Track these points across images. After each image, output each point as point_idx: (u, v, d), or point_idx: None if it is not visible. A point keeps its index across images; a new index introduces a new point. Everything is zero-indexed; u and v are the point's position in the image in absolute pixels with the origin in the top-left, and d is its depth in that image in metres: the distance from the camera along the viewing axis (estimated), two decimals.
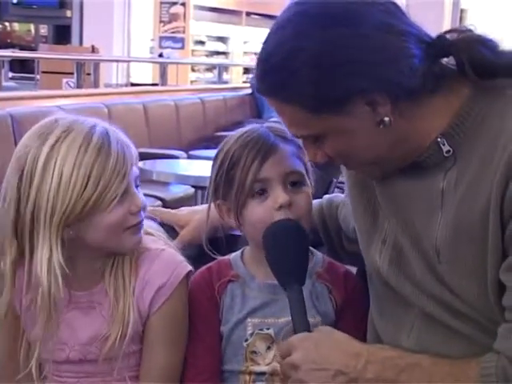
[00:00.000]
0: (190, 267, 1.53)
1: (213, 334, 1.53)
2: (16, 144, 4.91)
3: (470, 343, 1.31)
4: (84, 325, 1.51)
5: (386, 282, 1.43)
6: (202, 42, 16.03)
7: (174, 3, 15.03)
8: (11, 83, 9.40)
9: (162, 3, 15.11)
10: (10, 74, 10.40)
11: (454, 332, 1.33)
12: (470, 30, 1.32)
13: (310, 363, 1.30)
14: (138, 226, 1.48)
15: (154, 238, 1.57)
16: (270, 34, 1.29)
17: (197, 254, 1.64)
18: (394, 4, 1.29)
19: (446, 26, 11.23)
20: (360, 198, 1.49)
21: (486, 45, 1.30)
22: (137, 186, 1.49)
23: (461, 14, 12.60)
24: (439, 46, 1.30)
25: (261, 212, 1.48)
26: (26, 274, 1.45)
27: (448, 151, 1.31)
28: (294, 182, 1.50)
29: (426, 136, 1.32)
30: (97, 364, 1.51)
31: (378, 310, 1.50)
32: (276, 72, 1.26)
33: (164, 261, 1.51)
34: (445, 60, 1.32)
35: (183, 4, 15.04)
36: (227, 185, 1.51)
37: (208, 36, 16.13)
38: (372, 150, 1.32)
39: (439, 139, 1.31)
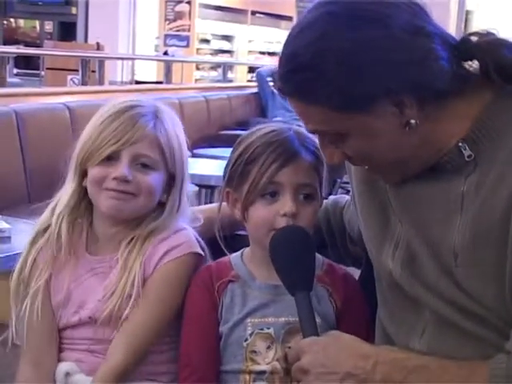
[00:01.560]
0: (201, 252, 1.60)
1: (209, 334, 1.54)
2: (21, 140, 4.92)
3: (485, 345, 1.30)
4: (96, 287, 1.59)
5: (399, 286, 1.43)
6: (207, 41, 16.02)
7: (180, 1, 15.01)
8: (16, 79, 9.41)
9: (167, 1, 15.09)
10: (15, 71, 10.42)
11: (468, 334, 1.32)
12: (493, 34, 1.32)
13: (319, 367, 1.31)
14: (115, 193, 1.56)
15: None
16: (294, 34, 1.29)
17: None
18: (419, 6, 1.29)
19: (452, 27, 11.21)
20: (370, 200, 1.49)
21: (509, 48, 1.29)
22: (145, 166, 1.57)
23: (466, 15, 12.57)
24: (464, 48, 1.30)
25: (266, 213, 1.49)
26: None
27: (469, 156, 1.30)
28: (305, 195, 1.50)
29: (447, 140, 1.32)
30: (102, 326, 1.57)
31: (388, 313, 1.50)
32: (303, 72, 1.26)
33: (180, 234, 1.61)
34: (467, 64, 1.32)
35: (188, 2, 15.02)
36: (241, 177, 1.52)
37: (213, 34, 16.11)
38: (394, 152, 1.31)
39: (460, 144, 1.30)
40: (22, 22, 15.16)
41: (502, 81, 1.28)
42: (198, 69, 15.05)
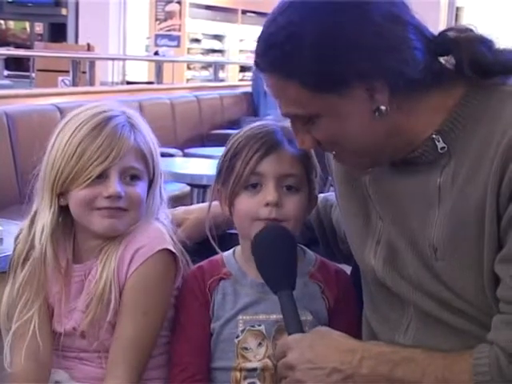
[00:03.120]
0: (169, 247, 1.55)
1: (200, 332, 1.54)
2: (12, 142, 4.91)
3: (468, 338, 1.31)
4: (77, 295, 1.57)
5: (382, 283, 1.44)
6: (197, 40, 16.01)
7: (170, 1, 15.01)
8: (6, 81, 9.38)
9: (157, 1, 15.09)
10: (6, 72, 10.39)
11: (452, 328, 1.33)
12: (471, 30, 1.33)
13: (306, 363, 1.32)
14: (108, 211, 1.53)
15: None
16: (275, 14, 1.30)
17: (192, 252, 1.63)
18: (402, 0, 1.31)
19: (442, 23, 11.23)
20: (351, 199, 1.49)
21: (485, 44, 1.31)
22: (133, 178, 1.54)
23: (456, 11, 12.60)
24: (440, 42, 1.32)
25: (249, 205, 1.50)
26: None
27: (443, 148, 1.31)
28: (288, 186, 1.51)
29: (420, 132, 1.32)
30: (87, 337, 1.55)
31: (373, 309, 1.50)
32: (279, 47, 1.27)
33: (148, 230, 1.56)
34: (443, 59, 1.33)
35: (179, 2, 15.02)
36: (227, 172, 1.53)
37: (204, 34, 16.11)
38: (363, 139, 1.32)
39: (434, 136, 1.31)
40: (12, 23, 15.13)
41: (475, 75, 1.29)
42: (189, 68, 15.04)
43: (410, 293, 1.38)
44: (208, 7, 15.90)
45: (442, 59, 1.33)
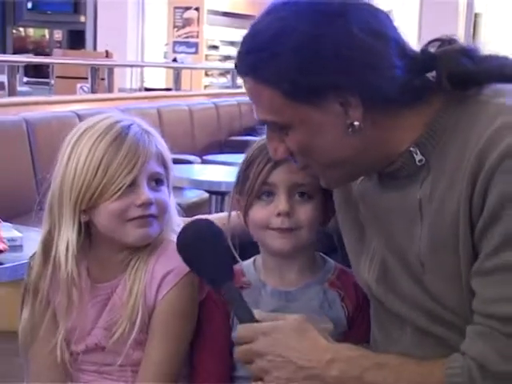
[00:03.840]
0: None
1: (222, 342, 1.53)
2: (31, 149, 4.93)
3: (458, 351, 1.29)
4: (100, 312, 1.56)
5: (377, 299, 1.44)
6: (215, 47, 16.04)
7: (188, 8, 15.05)
8: (26, 88, 9.43)
9: (175, 8, 15.14)
10: (25, 79, 10.46)
11: (444, 342, 1.32)
12: (454, 41, 1.33)
13: (275, 355, 1.31)
14: (142, 220, 1.51)
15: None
16: (258, 19, 1.31)
17: None
18: (387, 15, 1.31)
19: (460, 30, 11.21)
20: (346, 215, 1.50)
21: (467, 55, 1.30)
22: (158, 183, 1.54)
23: (475, 18, 12.56)
24: (422, 60, 1.31)
25: (262, 215, 1.51)
26: (52, 256, 1.53)
27: (420, 160, 1.31)
28: (301, 193, 1.51)
29: (396, 146, 1.32)
30: (110, 352, 1.54)
31: (376, 323, 1.50)
32: (258, 51, 1.28)
33: (172, 251, 1.51)
34: (429, 75, 1.32)
35: (197, 9, 15.06)
36: (242, 182, 1.54)
37: (221, 41, 16.14)
38: (335, 152, 1.31)
39: (412, 148, 1.31)
40: (31, 30, 15.23)
41: (454, 88, 1.29)
42: (206, 75, 15.07)
43: (404, 309, 1.37)
44: (226, 14, 15.93)
45: (428, 76, 1.32)
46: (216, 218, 1.77)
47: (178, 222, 1.61)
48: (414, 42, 1.34)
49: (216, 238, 1.43)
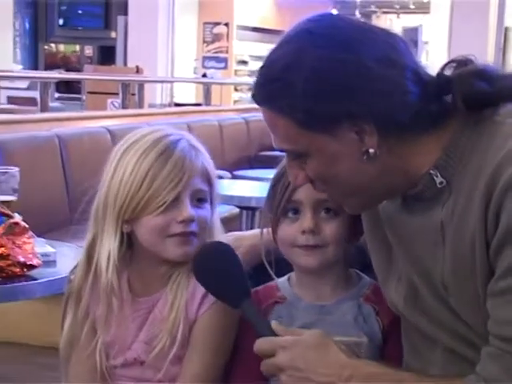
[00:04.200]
0: None
1: (257, 356, 1.52)
2: (63, 164, 4.97)
3: None
4: (141, 326, 1.56)
5: (406, 319, 1.43)
6: (244, 62, 16.09)
7: (217, 23, 15.13)
8: (57, 104, 9.52)
9: (205, 24, 15.22)
10: (56, 95, 10.55)
11: (472, 364, 1.31)
12: (470, 61, 1.33)
13: (294, 370, 1.32)
14: (183, 237, 1.52)
15: None
16: (274, 48, 1.33)
17: None
18: (404, 42, 1.32)
19: (490, 45, 11.15)
20: (374, 234, 1.50)
21: (482, 76, 1.30)
22: (201, 200, 1.54)
23: (505, 32, 12.49)
24: (437, 84, 1.32)
25: (288, 232, 1.52)
26: (94, 264, 1.55)
27: (441, 183, 1.31)
28: (327, 210, 1.50)
29: (415, 170, 1.32)
30: (149, 367, 1.54)
31: (407, 343, 1.49)
32: (272, 82, 1.29)
33: None
34: (447, 98, 1.33)
35: (226, 24, 15.13)
36: (271, 200, 1.55)
37: (251, 56, 16.18)
38: (352, 180, 1.32)
39: (432, 171, 1.31)
40: (62, 46, 15.37)
41: (470, 109, 1.29)
42: (236, 90, 15.11)
43: (432, 330, 1.37)
44: (255, 29, 15.99)
45: (445, 99, 1.32)
46: (249, 234, 1.78)
47: (221, 237, 1.61)
48: (444, 57, 1.34)
49: (226, 258, 1.46)
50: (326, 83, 1.25)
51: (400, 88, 1.27)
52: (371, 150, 1.28)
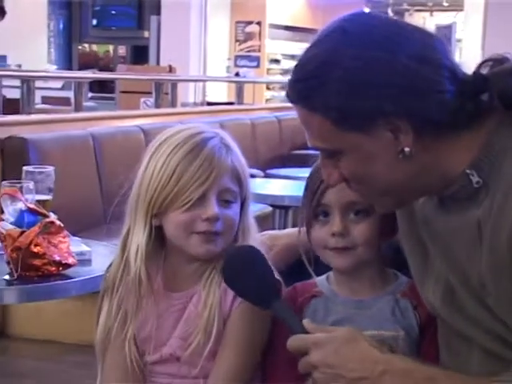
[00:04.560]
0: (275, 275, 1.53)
1: (293, 356, 1.52)
2: (97, 163, 5.02)
3: None
4: (175, 323, 1.57)
5: (443, 319, 1.43)
6: (277, 61, 16.09)
7: (250, 22, 15.15)
8: (91, 103, 9.59)
9: (237, 22, 15.25)
10: (90, 94, 10.62)
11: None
12: (507, 59, 1.32)
13: (327, 367, 1.31)
14: (207, 236, 1.52)
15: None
16: (308, 47, 1.32)
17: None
18: (439, 40, 1.31)
19: None
20: (409, 235, 1.48)
21: None
22: (229, 199, 1.54)
23: None
24: (473, 83, 1.30)
25: (319, 235, 1.53)
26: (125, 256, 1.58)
27: (478, 182, 1.29)
28: (356, 211, 1.51)
29: (451, 169, 1.31)
30: (185, 363, 1.55)
31: (443, 343, 1.48)
32: (307, 80, 1.29)
33: None
34: (483, 96, 1.31)
35: (258, 23, 15.15)
36: (303, 203, 1.56)
37: (283, 54, 16.18)
38: (387, 179, 1.31)
39: (468, 171, 1.30)
40: (95, 46, 15.49)
41: (504, 107, 1.28)
42: (268, 89, 15.12)
43: (470, 330, 1.35)
44: (287, 28, 15.98)
45: (481, 97, 1.31)
46: (284, 233, 1.79)
47: (255, 236, 1.62)
48: (478, 55, 1.34)
49: (253, 261, 1.45)
50: (360, 81, 1.25)
51: (436, 86, 1.26)
52: (406, 149, 1.27)
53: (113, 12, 15.02)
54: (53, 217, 2.20)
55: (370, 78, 1.25)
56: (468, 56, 11.77)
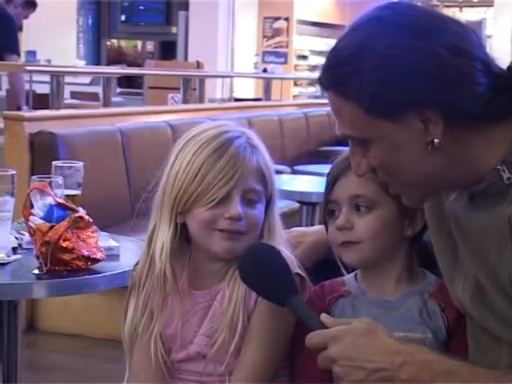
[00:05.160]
0: (299, 271, 1.55)
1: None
2: (125, 158, 5.02)
3: None
4: (201, 320, 1.58)
5: (471, 317, 1.41)
6: (304, 57, 16.06)
7: (278, 18, 15.13)
8: (119, 98, 9.63)
9: (265, 18, 15.24)
10: (118, 90, 10.66)
11: None
12: None
13: (346, 360, 1.31)
14: (229, 233, 1.53)
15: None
16: (343, 34, 1.32)
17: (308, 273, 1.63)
18: (475, 33, 1.30)
19: None
20: (439, 233, 1.48)
21: None
22: (253, 199, 1.55)
23: None
24: (508, 77, 1.30)
25: (330, 231, 1.55)
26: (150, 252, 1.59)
27: (509, 178, 1.28)
28: (361, 205, 1.51)
29: (480, 164, 1.30)
30: (211, 360, 1.56)
31: (473, 342, 1.47)
32: (341, 66, 1.29)
33: None
34: None
35: (286, 19, 15.12)
36: (323, 202, 1.58)
37: (310, 50, 16.15)
38: (415, 169, 1.31)
39: (499, 166, 1.28)
40: (124, 42, 15.55)
41: None
42: (295, 85, 15.10)
43: (500, 328, 1.34)
44: (315, 24, 15.94)
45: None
46: (312, 230, 1.79)
47: (280, 234, 1.62)
48: (508, 50, 1.33)
49: (267, 258, 1.46)
50: (395, 70, 1.25)
51: (470, 78, 1.26)
52: (436, 140, 1.27)
53: (141, 8, 15.05)
54: (82, 212, 2.21)
55: (404, 67, 1.24)
56: (498, 52, 11.66)
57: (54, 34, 13.43)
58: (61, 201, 2.19)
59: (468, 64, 1.26)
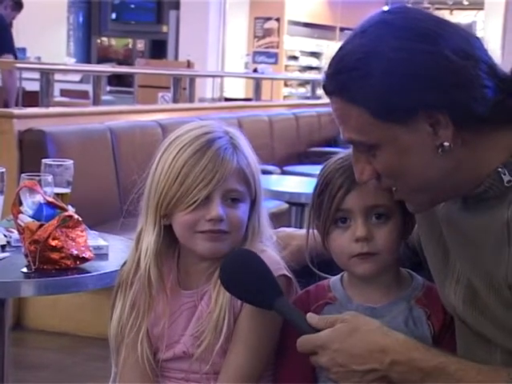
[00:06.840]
0: (285, 272, 1.55)
1: (305, 357, 1.52)
2: (115, 157, 5.01)
3: None
4: (188, 320, 1.58)
5: (464, 321, 1.41)
6: (295, 57, 16.07)
7: (269, 19, 15.13)
8: (109, 97, 9.62)
9: (256, 18, 15.24)
10: (108, 88, 10.64)
11: None
12: None
13: (338, 366, 1.33)
14: (211, 234, 1.53)
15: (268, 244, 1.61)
16: (349, 37, 1.32)
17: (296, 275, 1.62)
18: (478, 38, 1.31)
19: None
20: (429, 236, 1.47)
21: None
22: (235, 199, 1.54)
23: None
24: (511, 81, 1.30)
25: (341, 242, 1.50)
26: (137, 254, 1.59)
27: (509, 181, 1.28)
28: (377, 215, 1.49)
29: (484, 167, 1.30)
30: (197, 360, 1.55)
31: (462, 345, 1.46)
32: (349, 71, 1.28)
33: (262, 256, 1.51)
34: None
35: (277, 19, 15.13)
36: (317, 208, 1.53)
37: (301, 51, 16.16)
38: (423, 174, 1.30)
39: (500, 169, 1.29)
40: (114, 40, 15.52)
41: None
42: (286, 85, 15.10)
43: (493, 332, 1.34)
44: (306, 24, 15.95)
45: None
46: (300, 233, 1.75)
47: (268, 234, 1.61)
48: (498, 54, 1.34)
49: (247, 264, 1.46)
50: (404, 73, 1.24)
51: (476, 81, 1.26)
52: (446, 143, 1.27)
53: (132, 6, 15.03)
54: (71, 210, 2.21)
55: (413, 70, 1.24)
56: None
57: (45, 32, 13.40)
58: (50, 199, 2.18)
59: (475, 67, 1.26)
